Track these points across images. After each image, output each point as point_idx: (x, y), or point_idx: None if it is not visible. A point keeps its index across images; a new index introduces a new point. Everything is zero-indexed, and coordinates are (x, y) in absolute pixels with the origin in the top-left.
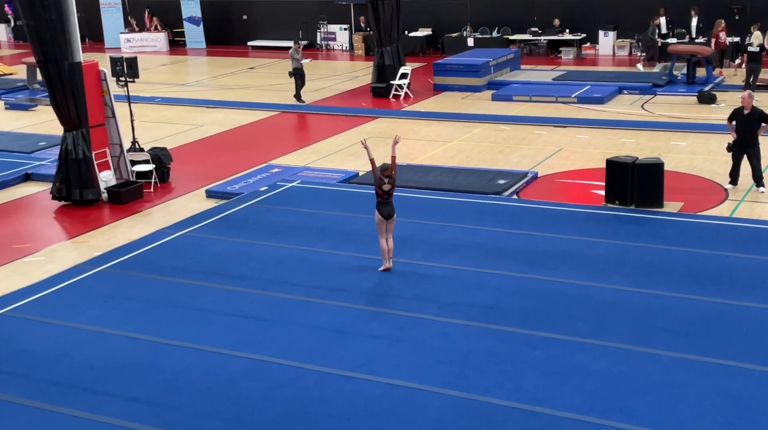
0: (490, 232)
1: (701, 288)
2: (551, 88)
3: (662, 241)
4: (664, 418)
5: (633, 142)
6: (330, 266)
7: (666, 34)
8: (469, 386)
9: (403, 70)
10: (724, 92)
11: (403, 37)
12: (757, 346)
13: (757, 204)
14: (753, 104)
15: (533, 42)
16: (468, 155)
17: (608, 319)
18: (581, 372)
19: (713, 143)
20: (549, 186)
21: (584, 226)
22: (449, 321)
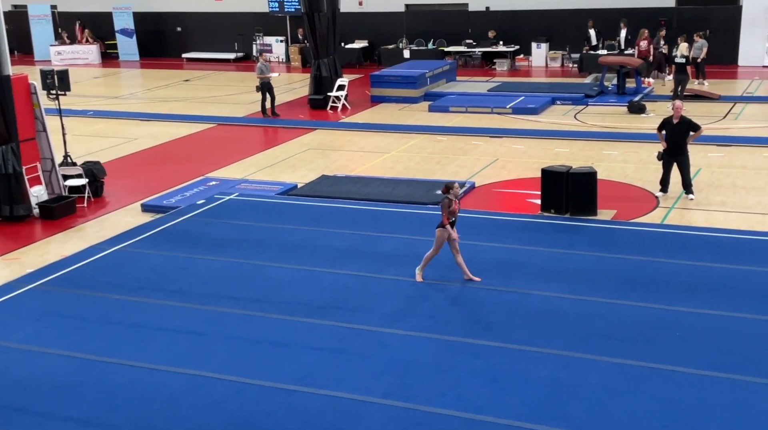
0: (429, 242)
1: (636, 294)
2: (487, 99)
3: (597, 248)
4: (601, 422)
5: (567, 151)
6: (269, 278)
7: (596, 45)
8: (411, 396)
9: (340, 82)
10: (654, 102)
11: (339, 48)
12: (690, 350)
13: (687, 211)
14: (681, 114)
15: (468, 54)
16: (406, 166)
17: (547, 326)
18: (521, 379)
19: (644, 152)
20: (486, 196)
21: (521, 234)
22: (390, 331)
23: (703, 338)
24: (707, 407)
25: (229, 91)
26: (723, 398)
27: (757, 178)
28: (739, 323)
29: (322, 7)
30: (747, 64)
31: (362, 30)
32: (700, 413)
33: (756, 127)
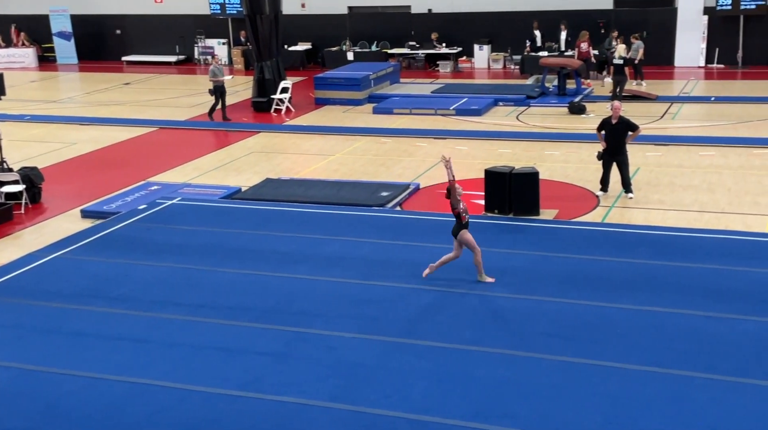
0: (374, 244)
1: (578, 292)
2: (430, 100)
3: (540, 248)
4: (546, 420)
5: (510, 152)
6: (214, 283)
7: (539, 47)
8: (358, 398)
9: (283, 85)
10: (593, 103)
11: (282, 51)
12: (632, 346)
13: (627, 209)
14: (620, 114)
15: (411, 56)
16: (351, 168)
17: (491, 326)
18: (467, 379)
19: (584, 152)
20: (431, 197)
21: None
22: (336, 334)
23: (643, 334)
24: (647, 402)
25: (171, 94)
26: (663, 392)
27: (694, 177)
28: (678, 318)
29: (264, 10)
30: (683, 65)
31: (305, 32)
32: (640, 408)
33: (692, 127)
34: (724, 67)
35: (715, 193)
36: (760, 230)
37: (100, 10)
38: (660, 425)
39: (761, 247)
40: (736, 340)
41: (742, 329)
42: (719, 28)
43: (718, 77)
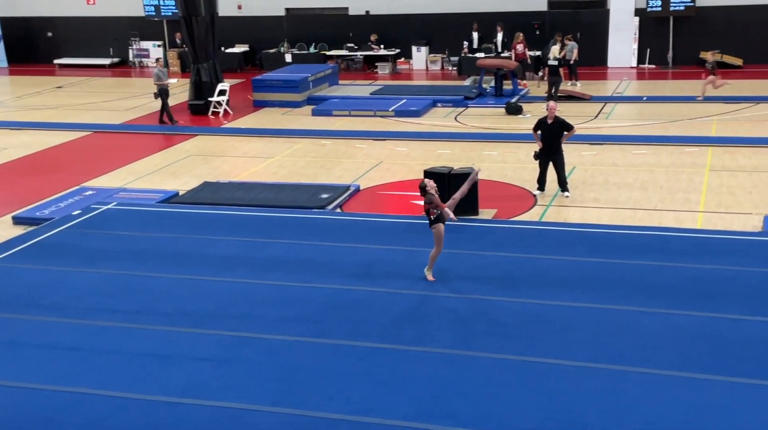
0: (315, 246)
1: (517, 290)
2: (369, 102)
3: (479, 247)
4: (486, 418)
5: (448, 152)
6: (151, 289)
7: (476, 48)
8: (300, 401)
9: (221, 87)
10: (530, 103)
11: (219, 53)
12: (568, 342)
13: (563, 208)
14: (555, 114)
15: (350, 57)
16: (290, 171)
17: (432, 326)
18: (408, 379)
19: (522, 152)
20: (371, 198)
21: (406, 236)
22: (277, 338)
23: (581, 331)
24: (585, 397)
25: (106, 97)
26: (599, 387)
27: (627, 175)
28: (613, 314)
29: (199, 11)
30: (616, 66)
31: (242, 34)
32: (578, 403)
33: (625, 126)
34: (655, 68)
35: (648, 190)
36: (691, 226)
37: (30, 13)
38: (597, 420)
39: (692, 243)
40: (669, 334)
41: (674, 324)
42: (650, 29)
43: (650, 77)
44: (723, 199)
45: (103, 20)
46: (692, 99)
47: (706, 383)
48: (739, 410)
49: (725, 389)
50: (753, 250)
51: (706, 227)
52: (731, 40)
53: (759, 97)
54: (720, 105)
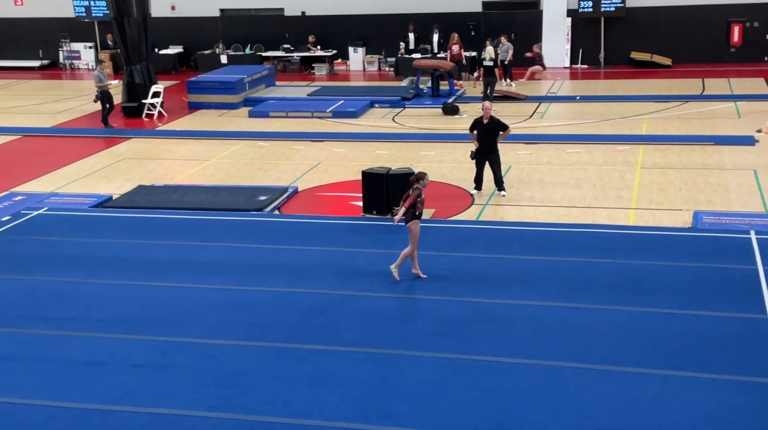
0: (253, 249)
1: (455, 289)
2: (306, 103)
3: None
4: (426, 417)
5: (386, 153)
6: (84, 295)
7: (412, 49)
8: (238, 406)
9: (155, 89)
10: (466, 104)
11: (153, 54)
12: (505, 340)
13: (500, 207)
14: (491, 114)
15: (287, 59)
16: (227, 173)
17: (372, 326)
18: (348, 381)
19: (459, 152)
20: (309, 200)
21: (345, 237)
22: (215, 342)
23: (518, 328)
24: (523, 394)
25: (35, 100)
26: (537, 383)
27: (562, 174)
28: (549, 311)
29: (131, 12)
30: (550, 66)
31: (176, 35)
32: (516, 400)
33: (559, 125)
34: (588, 68)
35: (582, 188)
36: (624, 222)
37: None
38: (535, 416)
39: (625, 239)
40: (604, 329)
41: (609, 319)
42: (582, 30)
43: (583, 77)
44: (654, 196)
45: (31, 21)
46: (623, 98)
47: (640, 376)
48: (672, 403)
49: (658, 382)
50: (683, 245)
51: (638, 224)
52: (660, 40)
53: (687, 96)
54: (650, 104)
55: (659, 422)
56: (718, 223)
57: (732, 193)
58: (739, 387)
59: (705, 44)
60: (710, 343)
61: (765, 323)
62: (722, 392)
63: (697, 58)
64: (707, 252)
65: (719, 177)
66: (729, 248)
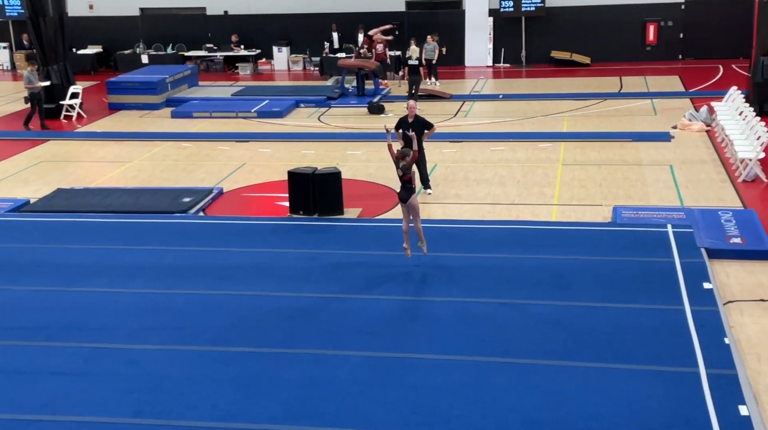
0: (177, 251)
1: (383, 288)
2: (231, 103)
3: (345, 246)
4: (355, 416)
5: (313, 153)
6: (1, 303)
7: (337, 49)
8: (163, 411)
9: (73, 90)
10: (392, 103)
11: (71, 54)
12: (434, 337)
13: (426, 205)
14: (416, 113)
15: (209, 58)
16: (150, 175)
17: (299, 327)
18: (275, 382)
19: (385, 151)
20: (235, 201)
21: (271, 238)
22: (139, 348)
23: (445, 325)
24: (450, 390)
25: None
26: (464, 379)
27: (486, 171)
28: (476, 307)
29: (47, 11)
30: (473, 65)
31: (95, 35)
32: (443, 396)
33: (483, 124)
34: (510, 66)
35: (506, 186)
36: (546, 218)
37: None
38: (463, 411)
39: (548, 235)
40: (529, 324)
41: (533, 314)
42: (504, 30)
43: (505, 76)
44: (575, 192)
45: None
46: (545, 96)
47: (564, 369)
48: (593, 394)
49: (580, 375)
50: (604, 240)
51: (560, 220)
52: (579, 39)
53: (606, 94)
54: (570, 102)
55: (582, 413)
56: (637, 217)
57: (649, 188)
58: (657, 377)
59: (622, 43)
60: (630, 335)
61: (682, 314)
62: (641, 382)
63: (615, 57)
64: (626, 246)
65: (637, 173)
66: (647, 241)
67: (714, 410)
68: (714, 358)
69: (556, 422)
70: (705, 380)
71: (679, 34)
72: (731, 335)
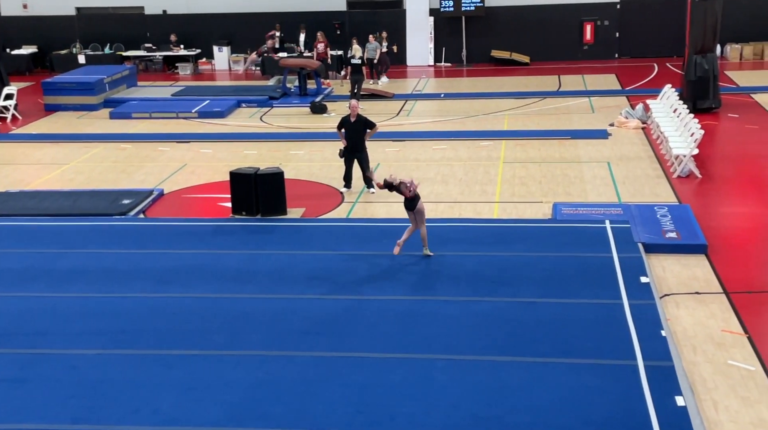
0: (118, 254)
1: (327, 287)
2: (171, 104)
3: (288, 247)
4: (301, 416)
5: (255, 153)
6: None
7: (279, 48)
8: (103, 417)
9: (7, 91)
10: (334, 102)
11: (4, 55)
12: (377, 335)
13: (370, 204)
14: (358, 112)
15: (148, 58)
16: (88, 177)
17: (243, 328)
18: (219, 385)
19: (327, 150)
20: (176, 202)
21: (213, 239)
22: (79, 353)
23: (388, 323)
24: (395, 388)
25: None
26: (408, 376)
27: (429, 170)
28: (419, 304)
29: None
30: (415, 64)
31: (30, 35)
32: (388, 394)
33: (425, 123)
34: (451, 66)
35: (449, 184)
36: (488, 216)
37: None
38: (407, 409)
39: (490, 232)
40: (471, 321)
41: (476, 310)
42: (444, 29)
43: (446, 75)
44: (516, 190)
45: None
46: (485, 95)
47: (506, 364)
48: (535, 388)
49: (523, 369)
50: (544, 236)
51: (501, 217)
52: (519, 38)
53: (545, 92)
54: (511, 101)
55: (524, 407)
56: (576, 214)
57: (588, 185)
58: (597, 370)
59: (560, 42)
60: (571, 329)
61: (620, 307)
62: (582, 375)
63: (554, 56)
64: (566, 242)
65: (576, 170)
66: (586, 237)
67: (652, 401)
68: (651, 350)
69: (499, 417)
70: (643, 372)
71: (615, 34)
72: (668, 327)
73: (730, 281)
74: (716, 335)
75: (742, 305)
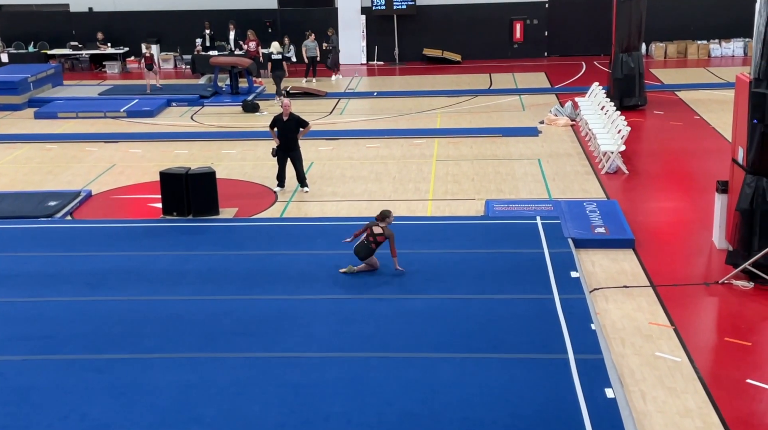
0: (44, 257)
1: (260, 288)
2: (98, 103)
3: (220, 247)
4: (233, 418)
5: (186, 153)
6: None
7: (209, 46)
8: (29, 425)
9: None
10: (266, 101)
11: None
12: (311, 335)
13: (304, 203)
14: (291, 111)
15: (74, 56)
16: (13, 179)
17: (174, 331)
18: (151, 389)
19: (260, 149)
20: (104, 204)
21: (143, 241)
22: (3, 359)
23: (321, 322)
24: (328, 387)
25: None
26: (342, 375)
27: (362, 168)
28: (352, 303)
29: None
30: (347, 63)
31: None
32: (322, 394)
33: (358, 121)
34: (384, 64)
35: (382, 182)
36: (422, 213)
37: None
38: (341, 408)
39: (423, 229)
40: (405, 318)
41: (409, 308)
42: (376, 27)
43: (379, 73)
44: (449, 187)
45: None
46: (418, 93)
47: (439, 361)
48: (468, 383)
49: (456, 365)
50: (477, 233)
51: (435, 214)
52: (450, 37)
53: (476, 91)
54: (443, 99)
55: (457, 402)
56: (508, 210)
57: (519, 182)
58: (529, 364)
59: (491, 41)
60: (503, 325)
61: (551, 302)
62: (514, 370)
63: (484, 54)
64: (498, 238)
65: (507, 167)
66: (518, 233)
67: (582, 394)
68: (581, 344)
69: (432, 413)
70: (573, 366)
71: (545, 33)
72: (597, 321)
73: (656, 275)
74: (644, 327)
75: (668, 297)
